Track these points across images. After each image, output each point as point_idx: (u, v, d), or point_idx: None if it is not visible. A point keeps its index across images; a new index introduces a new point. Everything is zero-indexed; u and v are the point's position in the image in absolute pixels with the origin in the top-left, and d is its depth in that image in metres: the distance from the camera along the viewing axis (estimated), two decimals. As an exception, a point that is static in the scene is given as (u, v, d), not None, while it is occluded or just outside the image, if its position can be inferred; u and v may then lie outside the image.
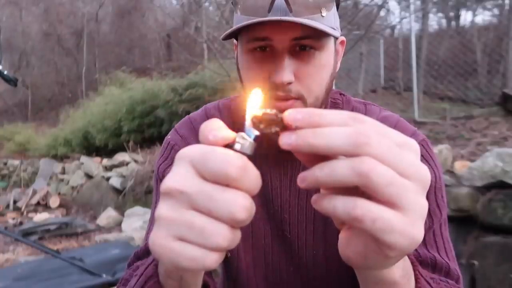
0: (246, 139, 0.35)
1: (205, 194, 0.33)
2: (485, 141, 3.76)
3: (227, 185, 0.33)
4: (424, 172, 0.34)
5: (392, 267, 0.42)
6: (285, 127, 0.34)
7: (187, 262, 0.33)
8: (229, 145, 0.35)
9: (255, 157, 0.35)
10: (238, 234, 0.34)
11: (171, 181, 0.34)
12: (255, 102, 0.38)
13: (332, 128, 0.33)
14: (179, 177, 0.34)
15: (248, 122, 0.36)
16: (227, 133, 0.35)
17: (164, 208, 0.34)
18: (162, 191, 0.35)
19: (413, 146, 0.35)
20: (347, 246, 0.38)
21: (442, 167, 2.86)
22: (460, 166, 2.82)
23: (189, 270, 0.35)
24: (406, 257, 0.48)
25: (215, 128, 0.36)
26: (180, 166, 0.35)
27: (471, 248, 2.53)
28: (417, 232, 0.33)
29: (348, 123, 0.33)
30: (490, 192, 2.51)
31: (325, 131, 0.33)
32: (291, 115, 0.34)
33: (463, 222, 2.56)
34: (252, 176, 0.34)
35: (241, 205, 0.33)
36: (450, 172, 2.82)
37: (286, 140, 0.34)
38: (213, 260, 0.33)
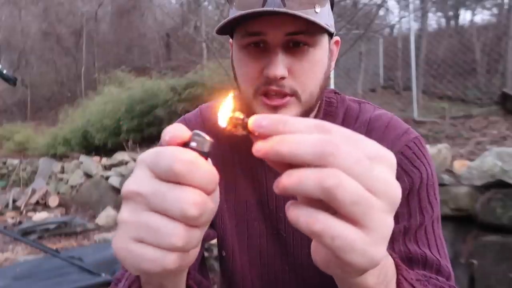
0: (202, 136, 0.35)
1: (158, 194, 0.33)
2: (484, 140, 3.76)
3: (179, 182, 0.33)
4: (394, 189, 0.33)
5: (364, 275, 0.40)
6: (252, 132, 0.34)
7: (146, 264, 0.33)
8: (186, 144, 0.35)
9: (249, 158, 0.35)
10: (195, 234, 0.34)
11: (129, 184, 0.35)
12: (227, 104, 0.38)
13: (298, 135, 0.32)
14: (137, 179, 0.34)
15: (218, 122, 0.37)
16: (182, 132, 0.35)
17: (124, 211, 0.35)
18: (123, 195, 0.35)
19: (387, 159, 0.33)
20: (315, 250, 0.38)
21: (441, 166, 2.86)
22: (459, 166, 2.81)
23: (149, 272, 0.34)
24: (388, 262, 0.47)
25: (172, 129, 0.36)
26: (138, 169, 0.35)
27: (470, 248, 2.53)
28: (378, 253, 0.32)
29: (313, 131, 0.32)
30: (489, 192, 2.51)
31: (290, 139, 0.31)
32: (256, 121, 0.33)
33: (462, 221, 2.56)
34: (203, 171, 0.33)
35: (191, 202, 0.32)
36: (449, 171, 2.82)
37: (256, 147, 0.33)
38: (171, 261, 0.33)
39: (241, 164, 0.79)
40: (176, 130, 0.35)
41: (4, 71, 3.92)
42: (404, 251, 0.68)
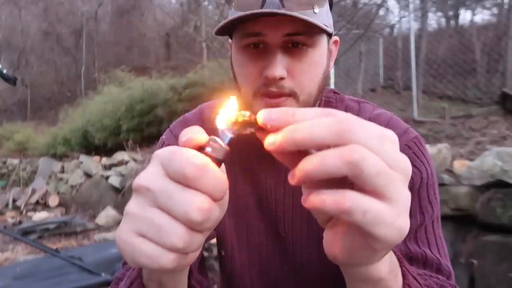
0: (218, 142, 0.35)
1: (167, 193, 0.33)
2: (484, 140, 3.76)
3: (188, 185, 0.33)
4: (405, 162, 0.34)
5: (378, 263, 0.42)
6: (260, 128, 0.35)
7: (143, 259, 0.33)
8: (202, 148, 0.35)
9: (248, 157, 0.35)
10: (197, 238, 0.34)
11: (141, 178, 0.35)
12: (229, 105, 0.38)
13: (310, 121, 0.32)
14: (148, 175, 0.35)
15: (221, 126, 0.37)
16: (200, 137, 0.35)
17: (132, 204, 0.35)
18: (133, 188, 0.36)
19: (392, 137, 0.34)
20: (333, 243, 0.38)
21: (441, 166, 2.86)
22: (459, 165, 2.81)
23: (146, 268, 0.35)
24: (393, 254, 0.47)
25: (190, 131, 0.36)
26: (152, 165, 0.36)
27: (470, 247, 2.53)
28: (405, 223, 0.33)
29: (321, 118, 0.33)
30: (489, 191, 2.51)
31: (306, 125, 0.32)
32: (265, 115, 0.34)
33: (462, 221, 2.56)
34: (213, 178, 0.33)
35: (197, 206, 0.32)
36: (449, 171, 2.82)
37: (270, 141, 0.33)
38: (168, 260, 0.33)
39: (240, 163, 0.79)
40: (193, 133, 0.36)
41: (4, 71, 3.92)
42: (405, 251, 0.68)
